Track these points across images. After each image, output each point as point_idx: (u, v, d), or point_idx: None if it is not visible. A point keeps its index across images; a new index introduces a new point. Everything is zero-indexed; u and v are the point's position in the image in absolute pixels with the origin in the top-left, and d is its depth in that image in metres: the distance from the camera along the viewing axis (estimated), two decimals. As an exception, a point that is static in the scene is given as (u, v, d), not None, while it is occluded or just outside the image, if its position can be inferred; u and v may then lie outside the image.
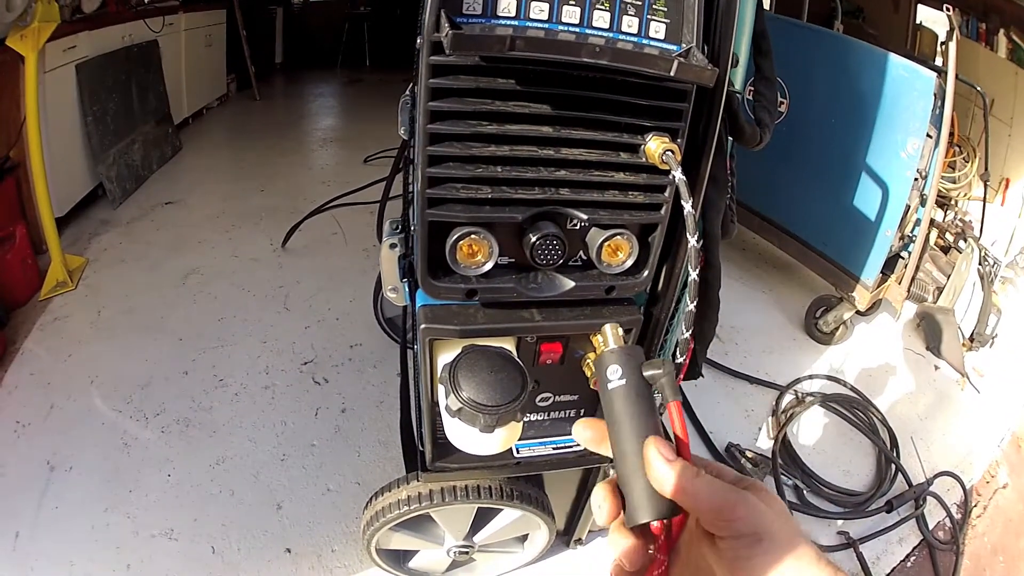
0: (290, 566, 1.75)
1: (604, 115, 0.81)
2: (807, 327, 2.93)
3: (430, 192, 0.80)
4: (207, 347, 2.42)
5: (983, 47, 3.44)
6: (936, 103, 2.26)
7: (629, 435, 0.52)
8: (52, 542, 1.72)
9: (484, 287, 0.88)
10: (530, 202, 0.84)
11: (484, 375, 0.87)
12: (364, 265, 3.00)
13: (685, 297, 0.65)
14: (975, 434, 2.50)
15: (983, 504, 2.25)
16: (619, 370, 0.55)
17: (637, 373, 0.55)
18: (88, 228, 3.06)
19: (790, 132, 2.71)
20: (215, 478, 1.95)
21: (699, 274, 1.17)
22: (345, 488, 1.96)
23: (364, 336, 2.53)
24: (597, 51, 0.70)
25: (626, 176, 0.86)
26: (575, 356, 1.02)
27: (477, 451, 0.91)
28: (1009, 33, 3.29)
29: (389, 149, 4.09)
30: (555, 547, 1.75)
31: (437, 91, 0.75)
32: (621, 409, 0.53)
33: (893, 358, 2.85)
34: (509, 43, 0.66)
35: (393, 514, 1.30)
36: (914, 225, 2.53)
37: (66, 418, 2.08)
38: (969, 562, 2.04)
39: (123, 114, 3.43)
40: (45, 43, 2.63)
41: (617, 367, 0.55)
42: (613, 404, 0.54)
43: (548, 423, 1.15)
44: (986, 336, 2.85)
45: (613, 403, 0.54)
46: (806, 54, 2.62)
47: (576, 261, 0.92)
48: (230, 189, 3.62)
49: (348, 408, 2.23)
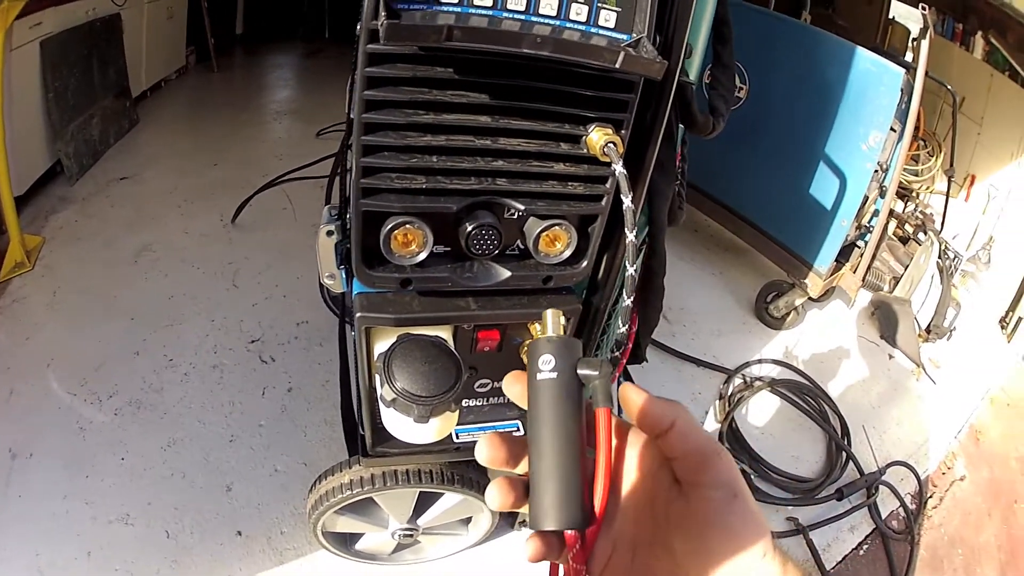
0: (241, 549, 1.76)
1: (546, 105, 0.79)
2: (757, 311, 2.94)
3: (364, 182, 0.79)
4: (158, 326, 2.39)
5: (958, 47, 3.48)
6: (903, 98, 2.28)
7: (550, 433, 0.48)
8: (18, 533, 1.72)
9: (419, 276, 0.88)
10: (466, 192, 0.83)
11: (418, 366, 0.86)
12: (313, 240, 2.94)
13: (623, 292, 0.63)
14: (930, 425, 2.55)
15: (939, 495, 2.29)
16: (552, 361, 0.50)
17: (571, 369, 0.50)
18: (46, 206, 2.99)
19: (749, 118, 2.71)
20: (167, 460, 1.94)
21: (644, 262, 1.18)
22: (292, 469, 1.97)
23: (311, 313, 2.52)
24: (539, 42, 0.68)
25: (566, 167, 0.85)
26: (513, 343, 1.02)
27: (413, 440, 0.91)
28: (987, 35, 3.33)
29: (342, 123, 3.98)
30: (500, 529, 1.76)
31: (373, 80, 0.74)
32: (546, 403, 0.49)
33: (846, 345, 2.89)
34: (447, 33, 0.64)
35: (336, 498, 1.30)
36: (872, 216, 2.56)
37: (25, 403, 2.06)
38: (926, 553, 2.09)
39: (83, 89, 3.33)
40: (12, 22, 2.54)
41: (551, 357, 0.50)
42: (539, 396, 0.49)
43: (487, 408, 1.16)
44: (943, 329, 2.89)
45: (539, 395, 0.49)
46: (771, 43, 2.62)
47: (513, 250, 0.92)
48: (185, 163, 3.54)
49: (295, 387, 2.23)
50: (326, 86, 4.83)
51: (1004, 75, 3.27)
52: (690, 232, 3.47)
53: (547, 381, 0.49)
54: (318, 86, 4.95)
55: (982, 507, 2.27)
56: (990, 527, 2.20)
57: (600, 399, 0.48)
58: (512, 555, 1.83)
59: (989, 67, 3.34)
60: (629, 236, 0.68)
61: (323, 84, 4.92)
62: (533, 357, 0.51)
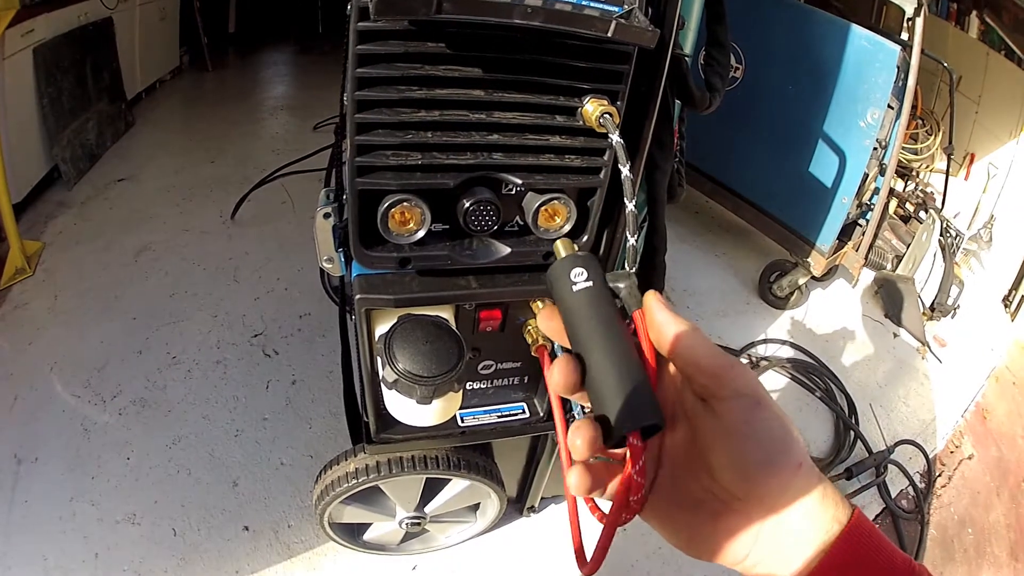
0: (249, 544, 1.76)
1: (540, 77, 0.78)
2: (761, 291, 2.93)
3: (359, 160, 0.78)
4: (160, 324, 2.39)
5: (953, 26, 3.46)
6: (899, 75, 2.27)
7: (603, 337, 0.47)
8: (25, 538, 1.71)
9: (417, 255, 0.87)
10: (462, 167, 0.82)
11: (419, 345, 0.86)
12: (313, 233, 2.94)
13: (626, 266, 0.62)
14: (937, 403, 2.54)
15: (947, 474, 2.28)
16: (584, 272, 0.50)
17: (601, 278, 0.50)
18: (44, 211, 2.98)
19: (746, 98, 2.70)
20: (172, 458, 1.94)
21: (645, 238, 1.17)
22: (298, 462, 1.96)
23: (313, 305, 2.52)
24: (530, 12, 0.66)
25: (562, 139, 0.84)
26: (516, 323, 1.01)
27: (417, 422, 0.90)
28: (982, 15, 3.32)
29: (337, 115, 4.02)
30: (508, 515, 1.76)
31: (364, 57, 0.72)
32: (592, 310, 0.48)
33: (850, 324, 2.88)
34: (436, 6, 0.63)
35: (342, 487, 1.29)
36: (872, 193, 2.55)
37: (29, 408, 2.05)
38: (936, 532, 2.08)
39: (78, 94, 3.32)
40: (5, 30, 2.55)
41: (582, 270, 0.50)
42: (582, 306, 0.49)
43: (492, 391, 1.15)
44: (947, 307, 2.89)
45: (582, 305, 0.49)
46: (766, 21, 2.60)
47: (512, 227, 0.90)
48: (181, 162, 3.54)
49: (298, 380, 2.23)
50: (321, 81, 4.82)
51: (1000, 54, 3.26)
52: (691, 214, 3.47)
53: (586, 290, 0.49)
54: (313, 81, 4.95)
55: (991, 486, 2.25)
56: (999, 506, 2.19)
57: (632, 303, 0.49)
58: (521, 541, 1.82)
59: (985, 46, 3.33)
60: (628, 206, 0.67)
61: (318, 79, 4.91)
62: (562, 275, 0.50)
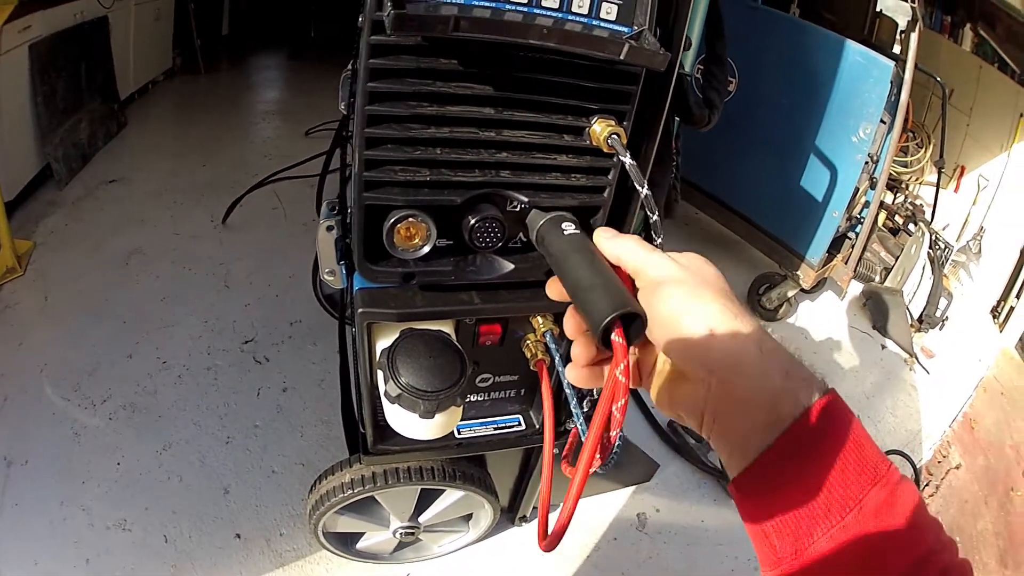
0: (241, 552, 1.74)
1: (549, 97, 0.79)
2: (750, 303, 2.93)
3: (367, 175, 0.79)
4: (150, 329, 2.37)
5: (946, 39, 3.50)
6: (892, 90, 2.29)
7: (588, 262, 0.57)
8: (15, 542, 1.69)
9: (422, 270, 0.87)
10: (469, 184, 0.82)
11: (423, 360, 0.86)
12: (304, 240, 2.92)
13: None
14: (924, 413, 2.56)
15: (935, 484, 2.30)
16: (572, 225, 0.67)
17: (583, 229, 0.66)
18: (35, 210, 2.96)
19: (739, 111, 2.69)
20: (163, 464, 1.92)
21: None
22: (289, 470, 1.95)
23: (304, 312, 2.50)
24: (545, 33, 0.68)
25: (569, 159, 0.85)
26: (515, 337, 1.01)
27: (418, 436, 0.91)
28: (976, 27, 3.35)
29: (330, 121, 3.96)
30: (501, 525, 1.76)
31: (377, 71, 0.73)
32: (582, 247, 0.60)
33: (838, 336, 2.90)
34: (453, 24, 0.64)
35: (337, 498, 1.29)
36: (863, 207, 2.57)
37: (19, 410, 2.03)
38: (924, 541, 2.09)
39: (72, 93, 3.30)
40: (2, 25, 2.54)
41: (570, 224, 0.68)
42: (573, 245, 0.62)
43: (488, 404, 1.15)
44: (936, 318, 2.91)
45: (573, 244, 0.62)
46: (760, 36, 2.62)
47: (516, 243, 0.91)
48: (173, 165, 3.51)
49: (289, 387, 2.22)
50: (311, 85, 4.80)
51: (993, 67, 3.30)
52: (681, 225, 3.47)
53: (577, 234, 0.65)
54: (304, 86, 4.93)
55: (979, 495, 2.27)
56: (987, 515, 2.20)
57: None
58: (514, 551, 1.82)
59: (978, 59, 3.36)
60: (653, 217, 0.71)
61: (310, 84, 4.89)
62: (555, 227, 0.68)
